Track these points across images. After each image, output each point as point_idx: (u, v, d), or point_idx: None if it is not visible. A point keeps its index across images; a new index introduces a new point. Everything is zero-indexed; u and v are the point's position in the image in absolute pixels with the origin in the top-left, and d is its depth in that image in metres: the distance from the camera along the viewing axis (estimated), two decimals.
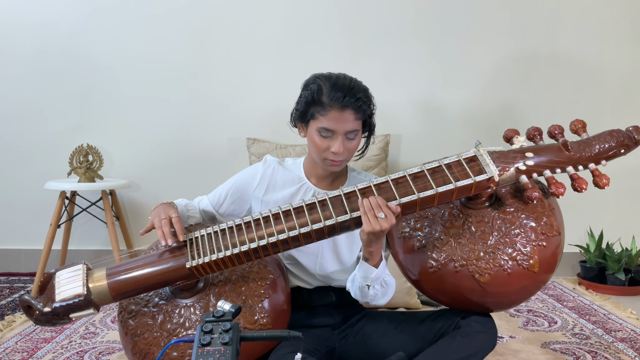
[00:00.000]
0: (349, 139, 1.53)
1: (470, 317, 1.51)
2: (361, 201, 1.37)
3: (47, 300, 1.42)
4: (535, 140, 1.47)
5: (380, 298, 1.52)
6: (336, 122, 1.49)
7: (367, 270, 1.46)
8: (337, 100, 1.47)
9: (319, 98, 1.50)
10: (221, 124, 3.06)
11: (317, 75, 1.57)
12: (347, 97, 1.48)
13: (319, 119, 1.51)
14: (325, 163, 1.56)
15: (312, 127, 1.54)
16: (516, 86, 3.07)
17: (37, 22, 3.02)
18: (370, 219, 1.34)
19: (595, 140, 1.41)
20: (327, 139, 1.52)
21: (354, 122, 1.51)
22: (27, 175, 3.09)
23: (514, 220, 1.45)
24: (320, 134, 1.52)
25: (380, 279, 1.48)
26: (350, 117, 1.50)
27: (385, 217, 1.34)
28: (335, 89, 1.49)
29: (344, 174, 1.71)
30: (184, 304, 1.50)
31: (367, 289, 1.48)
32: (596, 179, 1.40)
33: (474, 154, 1.42)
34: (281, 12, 3.02)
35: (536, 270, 1.43)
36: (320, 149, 1.53)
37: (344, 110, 1.48)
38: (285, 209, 1.45)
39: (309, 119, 1.54)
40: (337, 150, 1.51)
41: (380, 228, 1.34)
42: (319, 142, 1.53)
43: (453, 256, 1.47)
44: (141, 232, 1.53)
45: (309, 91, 1.53)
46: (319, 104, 1.50)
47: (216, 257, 1.42)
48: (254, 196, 1.69)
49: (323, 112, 1.50)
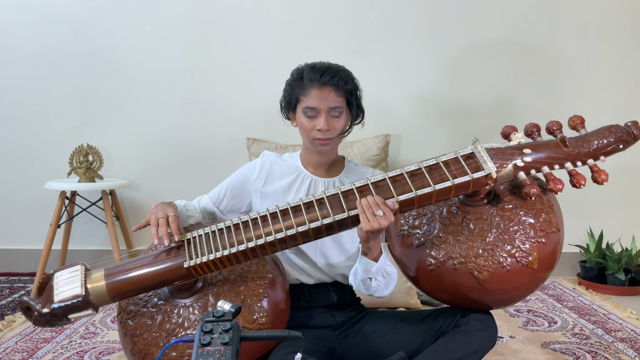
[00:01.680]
0: (332, 116, 1.58)
1: (469, 315, 1.51)
2: (359, 201, 1.38)
3: (45, 301, 1.42)
4: (533, 136, 1.46)
5: (383, 289, 1.52)
6: (317, 99, 1.55)
7: (367, 264, 1.47)
8: (315, 80, 1.55)
9: (300, 81, 1.58)
10: (221, 124, 3.07)
11: (300, 65, 1.65)
12: (325, 74, 1.55)
13: (302, 101, 1.58)
14: (315, 144, 1.61)
15: (298, 111, 1.61)
16: (516, 85, 3.07)
17: (37, 21, 3.02)
18: (368, 217, 1.35)
19: (594, 136, 1.41)
20: (312, 118, 1.57)
21: (336, 99, 1.57)
22: (27, 175, 3.09)
23: (512, 217, 1.45)
24: (305, 114, 1.58)
25: (381, 271, 1.49)
26: (330, 93, 1.56)
27: (383, 215, 1.35)
28: (313, 70, 1.58)
29: (341, 163, 1.73)
30: (182, 304, 1.50)
31: (370, 282, 1.49)
32: (595, 175, 1.39)
33: (472, 151, 1.42)
34: (281, 11, 3.02)
35: (535, 267, 1.42)
36: (307, 129, 1.59)
37: (323, 87, 1.55)
38: (282, 207, 1.44)
39: (295, 104, 1.61)
40: (322, 127, 1.56)
41: (378, 226, 1.35)
42: (305, 123, 1.59)
43: (452, 254, 1.47)
44: (134, 228, 1.55)
45: (291, 77, 1.62)
46: (300, 87, 1.58)
47: (214, 257, 1.42)
48: (254, 188, 1.72)
49: (305, 92, 1.57)
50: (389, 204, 1.37)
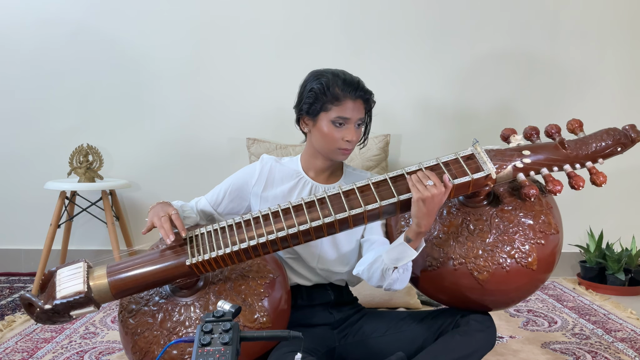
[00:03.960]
0: (358, 127, 1.62)
1: (469, 316, 1.52)
2: (409, 177, 1.40)
3: (47, 297, 1.43)
4: (532, 139, 1.48)
5: (398, 284, 1.51)
6: (351, 110, 1.58)
7: (403, 251, 1.45)
8: (350, 92, 1.58)
9: (333, 90, 1.58)
10: (221, 124, 3.07)
11: (320, 71, 1.64)
12: (359, 90, 1.59)
13: (332, 110, 1.58)
14: (336, 153, 1.62)
15: (322, 119, 1.60)
16: (516, 87, 3.08)
17: (37, 22, 3.02)
18: (419, 187, 1.37)
19: (592, 138, 1.42)
20: (340, 128, 1.59)
21: (363, 112, 1.62)
22: (27, 175, 3.09)
23: (512, 219, 1.46)
24: (334, 124, 1.58)
25: (409, 262, 1.48)
26: (360, 106, 1.60)
27: (433, 185, 1.36)
28: (347, 83, 1.59)
29: (340, 169, 1.74)
30: (184, 303, 1.50)
31: (391, 272, 1.48)
32: (593, 177, 1.41)
33: (472, 152, 1.43)
34: (281, 11, 3.02)
35: (535, 268, 1.43)
36: (333, 139, 1.59)
37: (357, 99, 1.59)
38: (284, 207, 1.45)
39: (319, 112, 1.60)
40: (351, 138, 1.59)
41: (429, 194, 1.35)
42: (333, 132, 1.59)
43: (452, 254, 1.48)
44: (143, 231, 1.54)
45: (320, 85, 1.60)
46: (332, 96, 1.58)
47: (216, 255, 1.42)
48: (253, 193, 1.71)
49: (337, 103, 1.58)
50: (444, 178, 1.38)
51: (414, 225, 1.42)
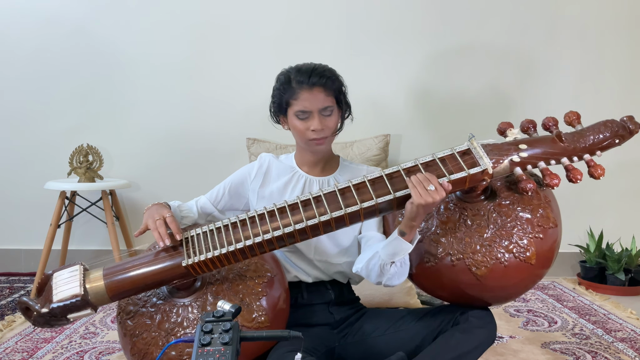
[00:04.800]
0: (324, 115, 1.60)
1: (468, 313, 1.51)
2: (408, 179, 1.38)
3: (44, 301, 1.43)
4: (529, 132, 1.46)
5: (397, 278, 1.50)
6: (308, 101, 1.58)
7: (398, 246, 1.44)
8: (303, 82, 1.57)
9: (288, 85, 1.60)
10: (221, 124, 3.07)
11: (285, 68, 1.67)
12: (312, 76, 1.57)
13: (293, 104, 1.60)
14: (310, 145, 1.63)
15: (290, 114, 1.63)
16: (516, 85, 3.06)
17: (37, 21, 3.02)
18: (420, 191, 1.35)
19: (590, 131, 1.40)
20: (305, 120, 1.60)
21: (326, 99, 1.59)
22: (27, 175, 3.10)
23: (509, 213, 1.45)
24: (298, 117, 1.60)
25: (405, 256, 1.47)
26: (319, 94, 1.58)
27: (435, 189, 1.35)
28: (300, 73, 1.59)
29: (335, 161, 1.75)
30: (181, 304, 1.50)
31: (389, 267, 1.47)
32: (591, 170, 1.39)
33: (468, 147, 1.42)
34: (281, 11, 3.02)
35: (533, 263, 1.42)
36: (301, 131, 1.61)
37: (312, 88, 1.58)
38: (280, 205, 1.45)
39: (286, 108, 1.63)
40: (316, 127, 1.58)
41: (431, 199, 1.34)
42: (299, 125, 1.61)
43: (449, 250, 1.47)
44: (136, 233, 1.54)
45: (279, 82, 1.63)
46: (289, 90, 1.60)
47: (212, 255, 1.42)
48: (251, 189, 1.74)
49: (295, 96, 1.59)
50: (442, 182, 1.37)
51: (406, 219, 1.41)
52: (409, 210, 1.38)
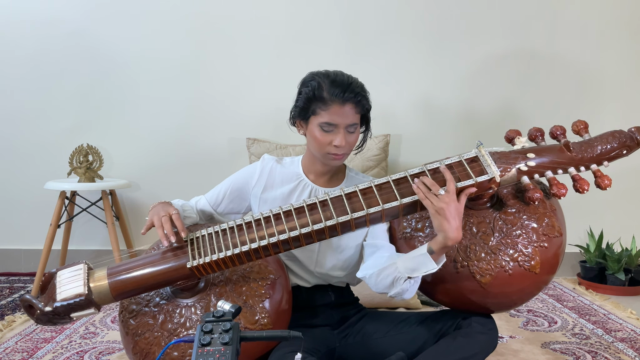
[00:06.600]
0: (349, 132, 1.55)
1: (471, 318, 1.51)
2: (416, 187, 1.36)
3: (48, 299, 1.42)
4: (537, 140, 1.47)
5: (407, 294, 1.48)
6: (338, 116, 1.52)
7: (422, 263, 1.41)
8: (337, 96, 1.51)
9: (319, 94, 1.53)
10: (221, 124, 3.06)
11: (315, 73, 1.60)
12: (347, 92, 1.52)
13: (320, 114, 1.54)
14: (327, 157, 1.58)
15: (313, 123, 1.57)
16: (516, 86, 3.07)
17: (36, 21, 3.01)
18: (431, 200, 1.33)
19: (597, 141, 1.41)
20: (329, 133, 1.54)
21: (354, 116, 1.55)
22: (27, 175, 3.09)
23: (515, 221, 1.45)
24: (322, 128, 1.54)
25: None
26: (350, 111, 1.53)
27: (446, 193, 1.33)
28: (335, 85, 1.53)
29: (342, 172, 1.72)
30: (184, 304, 1.50)
31: (402, 282, 1.45)
32: (598, 180, 1.40)
33: (476, 155, 1.42)
34: (281, 11, 3.01)
35: (537, 272, 1.43)
36: (322, 143, 1.55)
37: (345, 104, 1.52)
38: (286, 209, 1.45)
39: (309, 115, 1.57)
40: (339, 144, 1.53)
41: (444, 204, 1.32)
42: (320, 137, 1.55)
43: (454, 256, 1.47)
44: (142, 230, 1.53)
45: (309, 88, 1.56)
46: (320, 100, 1.53)
47: (217, 257, 1.42)
48: (253, 194, 1.70)
49: (324, 107, 1.53)
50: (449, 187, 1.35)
51: (440, 237, 1.38)
52: (435, 224, 1.37)
